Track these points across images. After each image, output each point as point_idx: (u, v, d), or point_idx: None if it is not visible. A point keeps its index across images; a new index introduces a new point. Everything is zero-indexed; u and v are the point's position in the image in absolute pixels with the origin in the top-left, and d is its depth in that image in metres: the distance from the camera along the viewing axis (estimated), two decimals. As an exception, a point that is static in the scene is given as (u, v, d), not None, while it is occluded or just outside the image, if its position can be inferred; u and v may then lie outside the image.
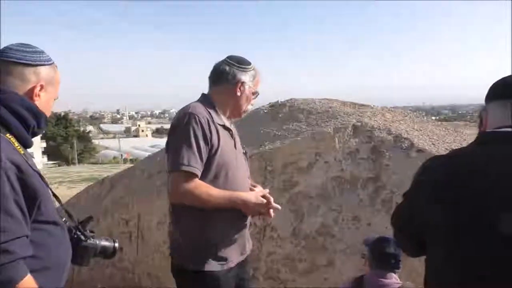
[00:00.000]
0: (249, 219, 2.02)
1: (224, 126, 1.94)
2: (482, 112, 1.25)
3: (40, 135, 1.66)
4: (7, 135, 1.29)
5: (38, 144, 69.62)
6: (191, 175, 1.78)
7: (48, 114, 1.47)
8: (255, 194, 1.97)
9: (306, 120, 3.60)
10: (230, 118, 2.05)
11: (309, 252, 3.19)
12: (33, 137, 1.43)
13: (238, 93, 1.97)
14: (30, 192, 1.26)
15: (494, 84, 1.24)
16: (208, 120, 1.85)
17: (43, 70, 1.42)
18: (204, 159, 1.82)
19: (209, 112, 1.89)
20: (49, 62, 1.45)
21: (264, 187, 2.18)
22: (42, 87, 1.40)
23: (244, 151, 2.10)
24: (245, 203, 1.90)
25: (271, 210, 2.02)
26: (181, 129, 1.82)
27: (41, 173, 1.38)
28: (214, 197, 1.83)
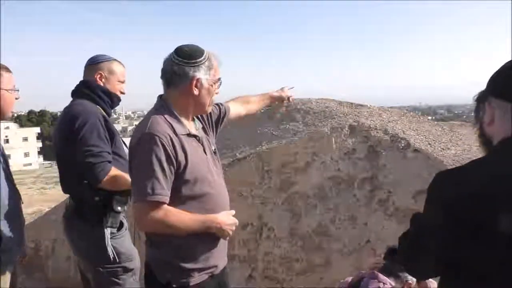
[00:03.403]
0: None
1: (189, 135, 1.79)
2: (486, 105, 1.18)
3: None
4: (98, 107, 2.30)
5: (34, 144, 69.36)
6: (158, 204, 1.65)
7: (117, 93, 2.40)
8: (227, 214, 1.86)
9: (302, 120, 3.60)
10: (195, 115, 1.91)
11: (305, 252, 3.20)
12: (111, 109, 2.41)
13: (196, 92, 1.79)
14: (111, 132, 2.28)
15: (506, 79, 1.14)
16: (170, 137, 1.68)
17: (102, 65, 2.35)
18: (171, 182, 1.68)
19: (170, 124, 1.73)
20: (108, 60, 2.38)
21: (261, 187, 2.16)
22: (101, 75, 2.35)
23: (213, 149, 1.96)
24: (220, 226, 1.80)
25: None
26: (141, 154, 1.67)
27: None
28: (186, 223, 1.71)
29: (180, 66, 1.77)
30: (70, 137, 2.19)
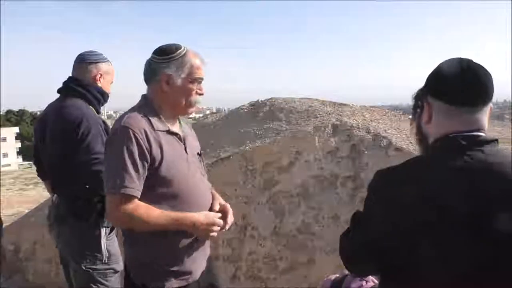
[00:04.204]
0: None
1: (168, 132, 1.75)
2: (425, 103, 1.19)
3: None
4: (90, 106, 2.31)
5: (13, 144, 67.99)
6: (129, 197, 1.62)
7: (108, 91, 2.43)
8: (206, 213, 1.78)
9: (286, 119, 3.62)
10: (178, 115, 1.86)
11: (289, 251, 3.21)
12: (100, 106, 2.41)
13: (166, 89, 1.75)
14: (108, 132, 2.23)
15: (444, 80, 1.17)
16: (145, 131, 1.65)
17: (101, 65, 2.38)
18: (143, 176, 1.65)
19: (149, 119, 1.70)
20: (105, 60, 2.41)
21: (244, 186, 2.15)
22: (101, 75, 2.37)
23: (198, 152, 1.92)
24: (194, 224, 1.71)
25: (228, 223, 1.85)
26: (114, 146, 1.66)
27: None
28: (156, 218, 1.65)
29: (154, 62, 1.77)
30: (71, 142, 2.18)
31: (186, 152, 1.80)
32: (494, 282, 1.05)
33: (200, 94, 1.82)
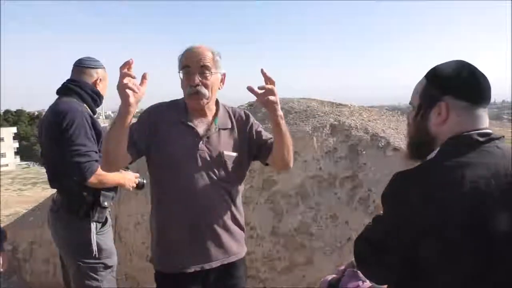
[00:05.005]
0: (207, 224, 1.90)
1: (183, 123, 1.88)
2: (440, 104, 1.17)
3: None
4: (85, 105, 2.39)
5: (10, 144, 67.82)
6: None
7: (103, 94, 2.55)
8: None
9: (284, 119, 3.61)
10: (195, 109, 1.92)
11: (288, 251, 3.21)
12: (96, 107, 2.50)
13: (182, 87, 1.92)
14: (98, 130, 2.32)
15: (465, 80, 1.18)
16: (157, 115, 1.90)
17: (100, 71, 2.53)
18: (139, 141, 1.82)
19: (171, 109, 1.93)
20: (102, 66, 2.56)
21: (243, 186, 2.17)
22: (100, 80, 2.51)
23: (220, 152, 1.91)
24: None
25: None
26: None
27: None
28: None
29: None
30: (58, 136, 2.25)
31: (198, 147, 1.87)
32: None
33: (192, 86, 1.85)
